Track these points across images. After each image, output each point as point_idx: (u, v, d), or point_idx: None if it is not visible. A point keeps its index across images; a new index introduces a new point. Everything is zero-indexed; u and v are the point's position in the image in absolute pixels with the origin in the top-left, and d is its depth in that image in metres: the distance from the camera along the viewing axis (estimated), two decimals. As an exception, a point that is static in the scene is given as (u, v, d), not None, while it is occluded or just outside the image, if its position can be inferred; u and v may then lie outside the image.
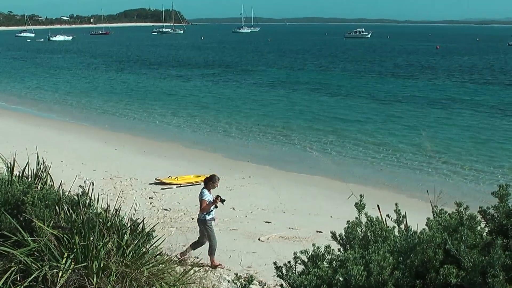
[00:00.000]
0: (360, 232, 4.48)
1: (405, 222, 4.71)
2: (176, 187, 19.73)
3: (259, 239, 14.63)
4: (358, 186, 20.06)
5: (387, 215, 4.87)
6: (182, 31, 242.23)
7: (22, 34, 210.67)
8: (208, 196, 12.14)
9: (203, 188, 12.32)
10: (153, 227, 7.37)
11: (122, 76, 64.49)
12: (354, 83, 55.95)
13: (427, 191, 7.49)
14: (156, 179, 20.15)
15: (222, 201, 12.18)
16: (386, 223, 4.75)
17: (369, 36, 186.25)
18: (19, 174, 8.39)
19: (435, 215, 4.41)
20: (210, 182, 12.30)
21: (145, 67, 76.29)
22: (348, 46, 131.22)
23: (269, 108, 40.24)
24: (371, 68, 72.48)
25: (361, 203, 4.65)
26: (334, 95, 46.86)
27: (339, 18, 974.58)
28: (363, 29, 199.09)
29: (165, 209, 16.98)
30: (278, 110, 39.33)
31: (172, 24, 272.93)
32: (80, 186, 7.65)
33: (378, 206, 4.82)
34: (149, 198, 18.21)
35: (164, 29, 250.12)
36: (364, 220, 4.53)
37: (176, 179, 20.15)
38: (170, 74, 66.42)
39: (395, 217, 4.74)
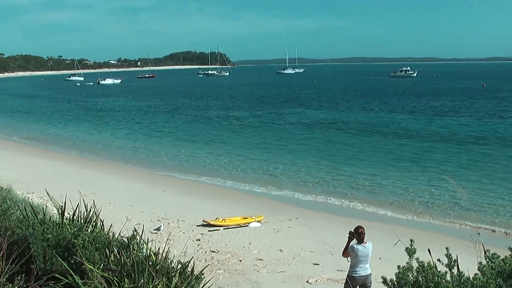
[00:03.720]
0: (412, 277, 4.41)
1: (457, 266, 4.61)
2: (224, 229, 19.74)
3: (307, 282, 14.47)
4: (402, 227, 19.91)
5: (438, 260, 4.79)
6: (227, 73, 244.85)
7: (72, 78, 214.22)
8: None
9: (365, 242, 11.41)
10: (202, 270, 7.37)
11: (168, 119, 65.26)
12: (408, 124, 55.40)
13: (478, 233, 7.31)
14: (203, 221, 20.21)
15: None
16: (436, 268, 4.67)
17: (415, 75, 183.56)
18: (69, 217, 8.52)
19: (487, 260, 4.32)
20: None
21: (191, 109, 77.10)
22: (394, 86, 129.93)
23: (314, 150, 39.94)
24: (418, 107, 71.67)
25: (412, 248, 4.59)
26: (384, 135, 46.62)
27: (383, 58, 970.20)
28: (408, 68, 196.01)
29: (212, 251, 16.98)
30: (323, 152, 39.06)
31: (218, 66, 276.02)
32: (134, 230, 7.72)
33: (429, 250, 4.75)
34: (197, 240, 18.25)
35: (210, 72, 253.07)
36: (415, 265, 4.46)
37: (224, 221, 20.16)
38: (218, 116, 66.75)
39: (446, 262, 4.65)
